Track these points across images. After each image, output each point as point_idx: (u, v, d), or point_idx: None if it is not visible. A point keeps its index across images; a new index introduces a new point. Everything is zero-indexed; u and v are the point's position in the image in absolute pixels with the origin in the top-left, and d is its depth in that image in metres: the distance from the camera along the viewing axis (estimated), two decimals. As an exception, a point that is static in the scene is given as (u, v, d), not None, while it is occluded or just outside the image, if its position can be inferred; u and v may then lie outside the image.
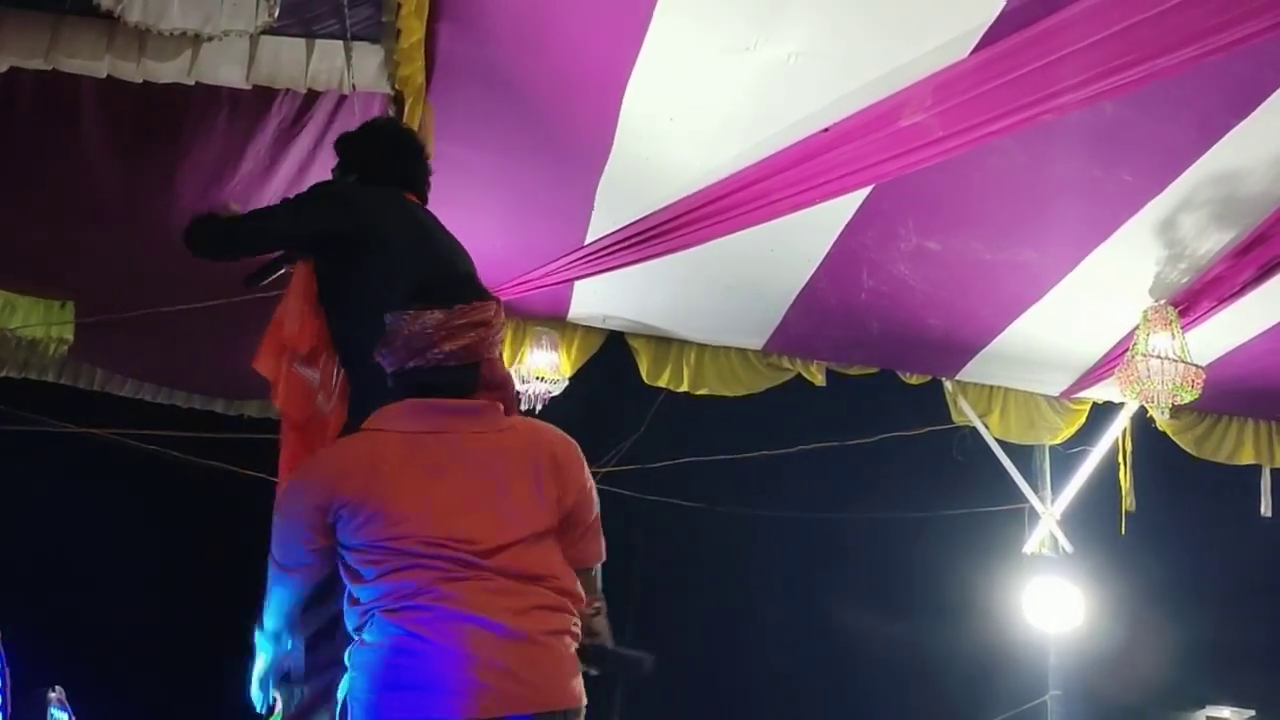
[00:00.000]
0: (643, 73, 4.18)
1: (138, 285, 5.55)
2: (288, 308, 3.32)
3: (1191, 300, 5.38)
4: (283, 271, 3.50)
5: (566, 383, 6.14)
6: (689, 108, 4.42)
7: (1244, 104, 4.20)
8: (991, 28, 3.87)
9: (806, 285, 5.64)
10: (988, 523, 7.22)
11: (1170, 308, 5.41)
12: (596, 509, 2.88)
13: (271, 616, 2.84)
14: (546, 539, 2.71)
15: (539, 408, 6.09)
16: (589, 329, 6.22)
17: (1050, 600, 6.72)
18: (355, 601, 2.65)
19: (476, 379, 2.83)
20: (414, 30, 3.84)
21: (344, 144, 3.63)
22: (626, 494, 7.34)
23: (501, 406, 2.88)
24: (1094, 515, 6.88)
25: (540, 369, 6.06)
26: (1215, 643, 9.08)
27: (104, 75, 4.12)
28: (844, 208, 4.99)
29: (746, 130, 4.51)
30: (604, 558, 2.94)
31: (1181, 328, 5.39)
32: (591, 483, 2.88)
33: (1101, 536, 6.82)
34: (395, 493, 2.64)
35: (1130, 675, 8.67)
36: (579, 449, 2.87)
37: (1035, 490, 6.93)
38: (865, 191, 4.85)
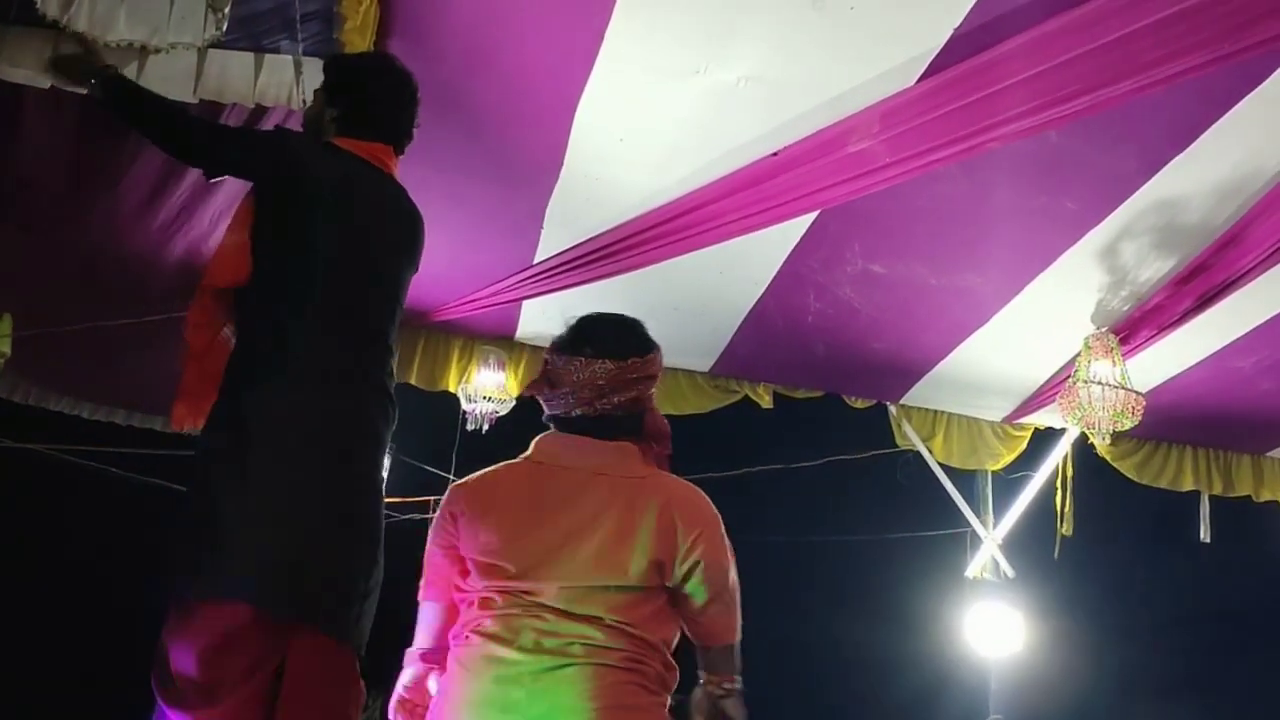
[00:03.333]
0: (594, 93, 4.19)
1: (78, 299, 5.49)
2: (226, 242, 3.16)
3: (1132, 328, 5.45)
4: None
5: (514, 402, 6.12)
6: (639, 129, 4.42)
7: (1184, 135, 4.27)
8: (938, 56, 3.90)
9: (754, 307, 5.67)
10: (931, 546, 7.27)
11: (1111, 335, 5.48)
12: (726, 585, 2.78)
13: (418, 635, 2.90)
14: (631, 594, 2.68)
15: (485, 428, 6.07)
16: (537, 348, 6.21)
17: (991, 625, 6.77)
18: None
19: (639, 428, 2.85)
20: (362, 47, 3.81)
21: (338, 72, 3.38)
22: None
23: (650, 456, 2.86)
24: (1036, 540, 6.95)
25: (487, 388, 6.04)
26: (1153, 667, 9.19)
27: (48, 86, 4.07)
28: (792, 231, 5.02)
29: (696, 152, 4.52)
30: (736, 637, 2.84)
31: (1122, 355, 5.46)
32: (723, 559, 2.79)
33: (1043, 562, 6.89)
34: (494, 519, 2.73)
35: (1069, 701, 8.75)
36: (715, 524, 2.80)
37: (977, 515, 6.99)
38: (813, 215, 4.87)
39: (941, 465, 6.75)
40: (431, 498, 6.89)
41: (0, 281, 5.45)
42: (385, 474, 6.60)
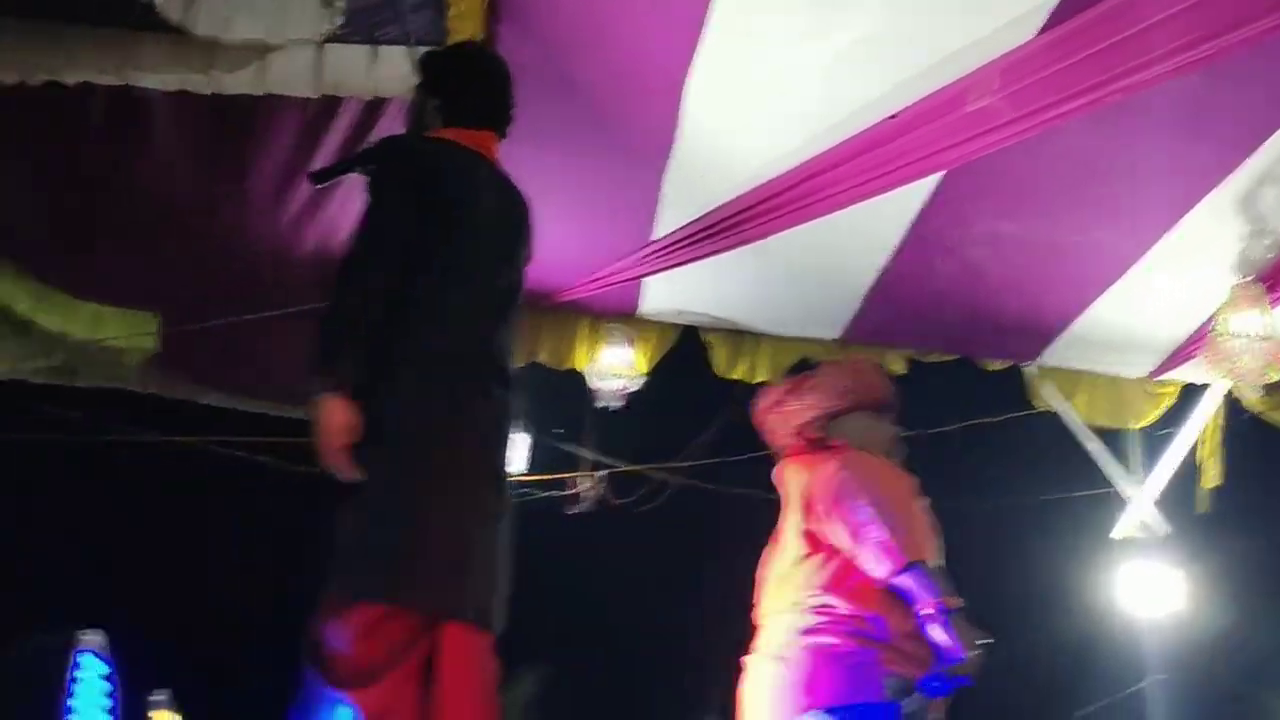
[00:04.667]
0: (704, 64, 4.16)
1: (219, 294, 5.67)
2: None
3: (1278, 276, 5.23)
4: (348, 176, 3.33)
5: (642, 379, 6.13)
6: (752, 97, 4.38)
7: (1325, 71, 4.07)
8: (1059, 6, 3.79)
9: (882, 273, 5.57)
10: (1071, 509, 7.09)
11: (1257, 284, 5.25)
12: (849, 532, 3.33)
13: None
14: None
15: (615, 405, 6.10)
16: (663, 324, 6.20)
17: (1145, 584, 6.57)
18: None
19: None
20: (473, 34, 3.85)
21: (436, 64, 3.40)
22: (707, 487, 7.33)
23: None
24: (1186, 498, 6.73)
25: (615, 366, 6.06)
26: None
27: (175, 88, 4.21)
28: (917, 193, 4.92)
29: (812, 119, 4.46)
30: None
31: (1270, 304, 5.23)
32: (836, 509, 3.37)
33: (1193, 519, 6.66)
34: None
35: (1234, 659, 8.48)
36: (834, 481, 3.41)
37: (1124, 474, 6.78)
38: (937, 176, 4.77)
39: (1083, 425, 6.56)
40: (565, 475, 6.95)
41: (146, 281, 5.67)
42: (527, 454, 6.75)
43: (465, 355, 3.02)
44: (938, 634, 3.08)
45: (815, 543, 3.49)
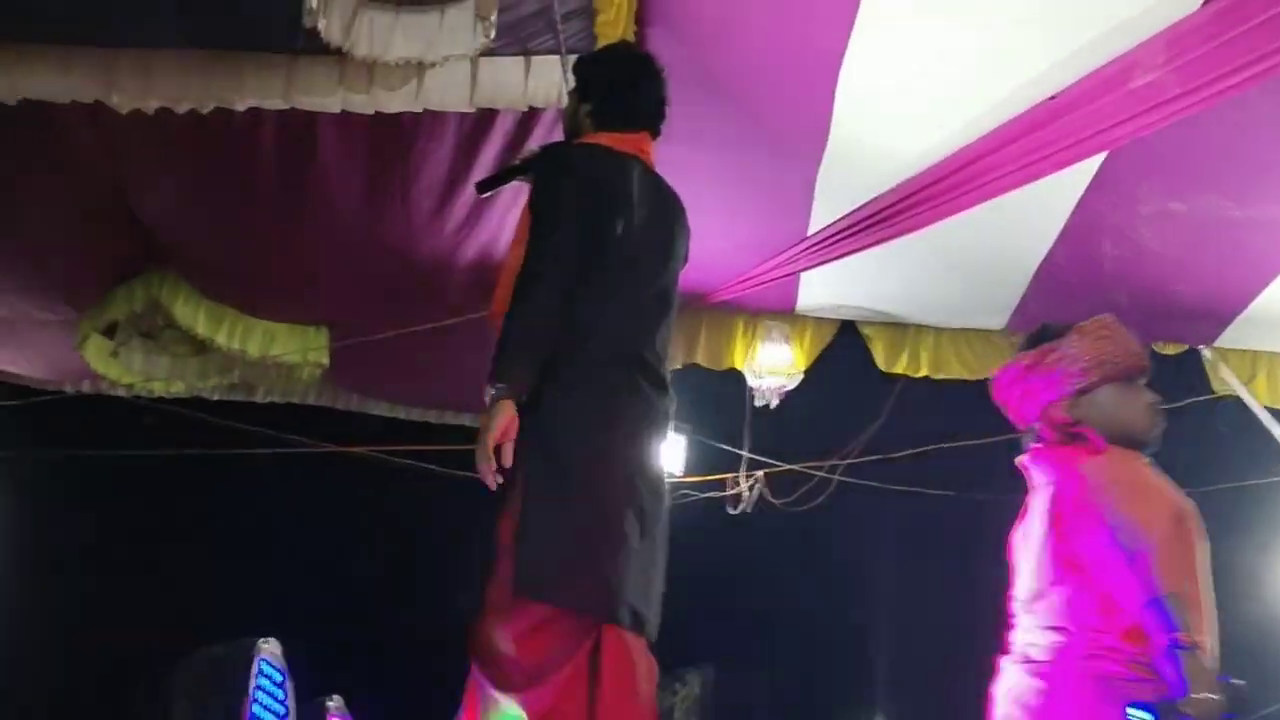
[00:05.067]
0: (856, 55, 4.11)
1: (384, 307, 5.83)
2: (509, 259, 3.14)
3: None
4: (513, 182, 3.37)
5: (801, 376, 6.09)
6: (906, 86, 4.31)
7: None
8: (1225, -28, 3.64)
9: (1046, 259, 5.43)
10: (1254, 496, 6.79)
11: None
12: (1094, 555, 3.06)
13: None
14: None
15: (774, 403, 6.07)
16: (820, 320, 6.15)
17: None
18: None
19: None
20: (617, 38, 3.88)
21: (585, 69, 3.42)
22: (870, 485, 7.24)
23: None
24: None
25: (773, 364, 6.04)
26: None
27: (338, 109, 4.34)
28: (1079, 175, 4.78)
29: (968, 104, 4.37)
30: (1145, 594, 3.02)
31: None
32: (1082, 529, 3.09)
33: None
34: None
35: None
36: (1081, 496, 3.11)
37: (1313, 459, 6.46)
38: (1100, 156, 4.63)
39: (1267, 408, 6.29)
40: (724, 476, 6.94)
41: (315, 297, 5.86)
42: (685, 455, 6.76)
43: (622, 359, 3.04)
44: (1169, 669, 2.92)
45: (1064, 561, 3.30)
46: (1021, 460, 3.47)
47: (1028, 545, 3.34)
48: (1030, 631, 3.25)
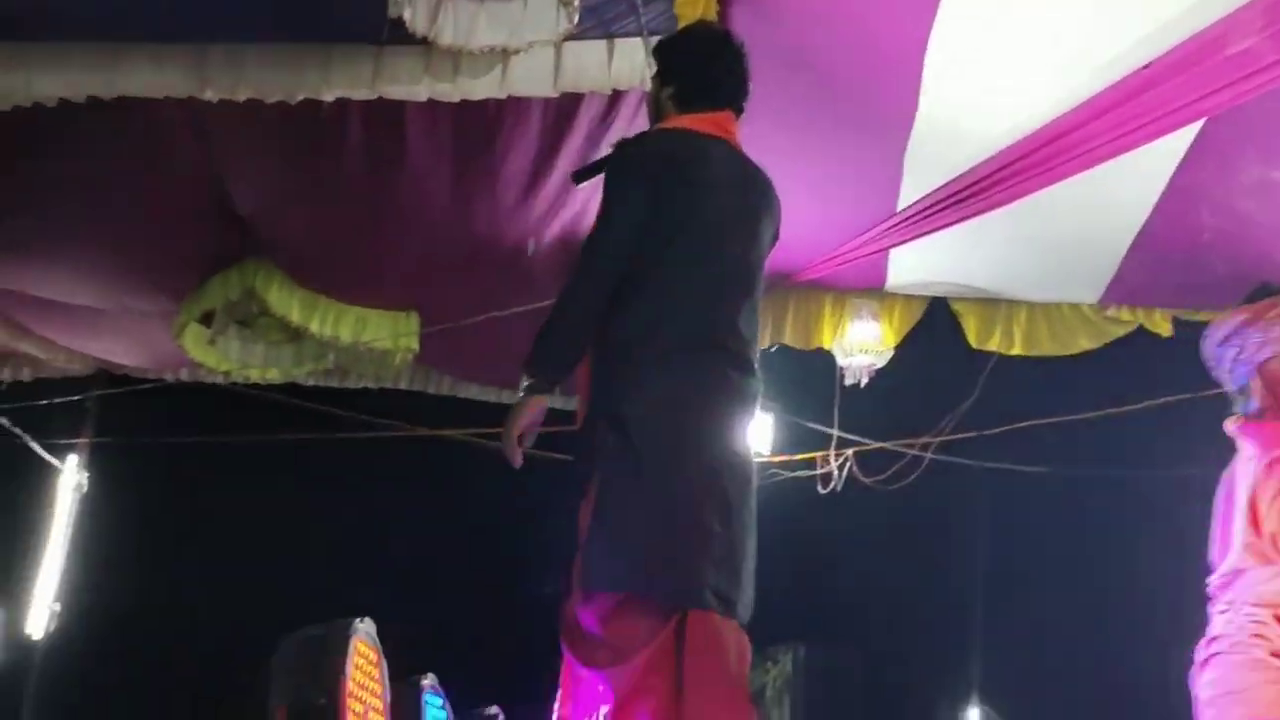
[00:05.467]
0: (944, 27, 4.05)
1: (471, 291, 5.88)
2: None
3: None
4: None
5: (890, 353, 6.03)
6: (997, 57, 4.24)
7: None
8: (1326, -69, 3.52)
9: (1142, 231, 5.32)
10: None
11: None
12: None
13: None
14: None
15: (864, 381, 6.02)
16: (909, 297, 6.09)
17: None
18: None
19: None
20: (697, 18, 3.85)
21: (664, 52, 3.41)
22: (964, 463, 7.16)
23: None
24: None
25: (862, 342, 5.99)
26: None
27: (425, 98, 4.37)
28: (1175, 145, 4.67)
29: (1060, 74, 4.29)
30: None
31: None
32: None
33: None
34: None
35: None
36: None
37: None
38: (1196, 125, 4.52)
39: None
40: (813, 455, 6.91)
41: (405, 283, 5.93)
42: (774, 434, 6.74)
43: (705, 341, 3.02)
44: None
45: (1257, 542, 3.15)
46: (1230, 426, 3.33)
47: (1227, 518, 3.23)
48: (1231, 611, 3.15)
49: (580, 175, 3.34)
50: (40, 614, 8.17)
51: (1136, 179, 4.92)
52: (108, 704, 13.30)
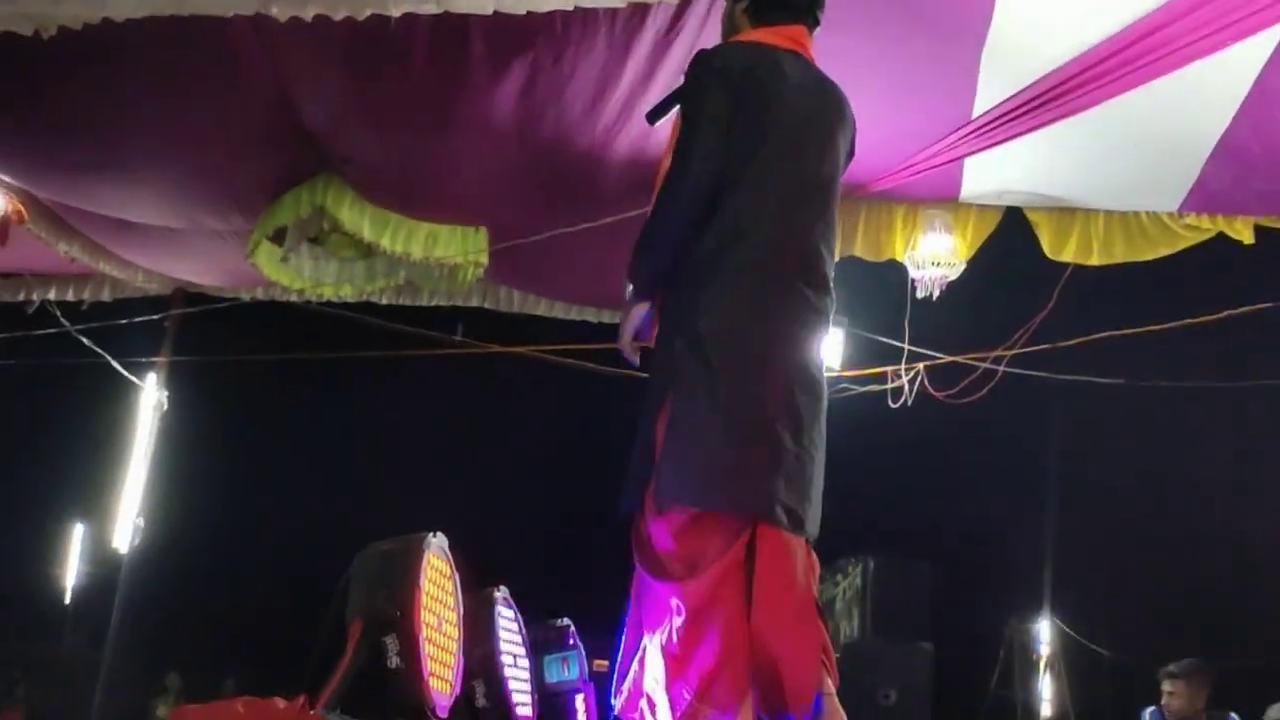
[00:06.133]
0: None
1: (539, 206, 5.87)
2: (664, 165, 3.15)
3: None
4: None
5: (964, 265, 5.95)
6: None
7: None
8: None
9: (1224, 135, 5.17)
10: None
11: None
12: None
13: None
14: None
15: (936, 293, 5.96)
16: (984, 207, 5.99)
17: None
18: None
19: None
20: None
21: None
22: (1038, 375, 7.08)
23: None
24: None
25: (935, 253, 5.91)
26: None
27: (490, 11, 4.33)
28: (1261, 45, 4.52)
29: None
30: None
31: None
32: None
33: None
34: None
35: None
36: None
37: None
38: (1282, 26, 4.37)
39: None
40: (887, 368, 6.86)
41: (474, 198, 5.92)
42: (845, 349, 6.70)
43: (780, 258, 3.02)
44: None
45: None
46: None
47: None
48: None
49: (655, 113, 3.32)
50: (125, 529, 8.37)
51: (1220, 82, 4.78)
52: (191, 615, 13.74)
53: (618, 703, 3.03)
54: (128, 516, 8.37)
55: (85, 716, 8.85)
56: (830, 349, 6.50)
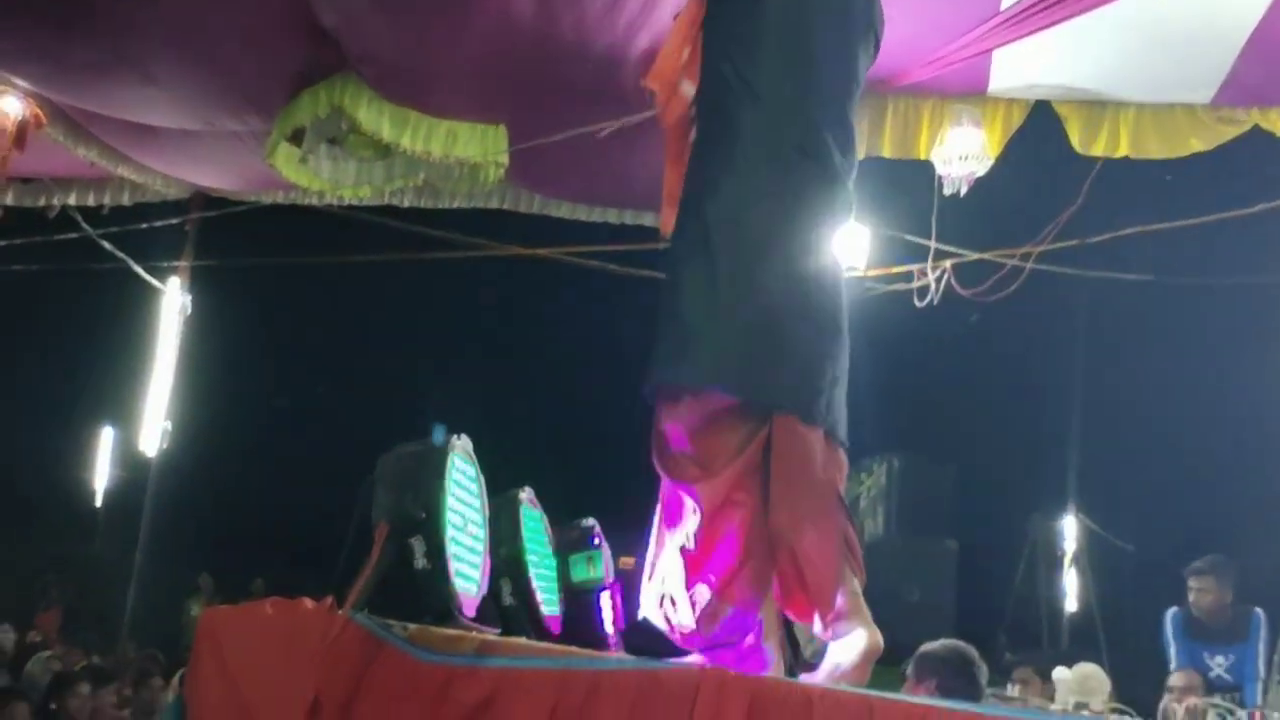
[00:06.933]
0: None
1: (558, 104, 5.78)
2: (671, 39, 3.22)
3: None
4: None
5: (991, 161, 5.85)
6: None
7: None
8: None
9: (1260, 25, 5.04)
10: None
11: None
12: None
13: None
14: None
15: (963, 190, 5.87)
16: (1012, 101, 5.87)
17: None
18: None
19: None
20: None
21: None
22: (1066, 272, 7.01)
23: None
24: None
25: (962, 149, 5.81)
26: None
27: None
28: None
29: None
30: None
31: None
32: None
33: None
34: None
35: None
36: None
37: None
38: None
39: None
40: (913, 267, 6.80)
41: (492, 93, 5.83)
42: (871, 247, 6.64)
43: (799, 148, 2.99)
44: None
45: None
46: None
47: None
48: None
49: None
50: (152, 433, 8.45)
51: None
52: (219, 517, 13.95)
53: (641, 602, 3.05)
54: (155, 420, 8.44)
55: (119, 616, 9.04)
56: (856, 249, 6.43)
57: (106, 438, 12.99)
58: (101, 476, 13.15)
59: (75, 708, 5.82)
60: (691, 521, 2.91)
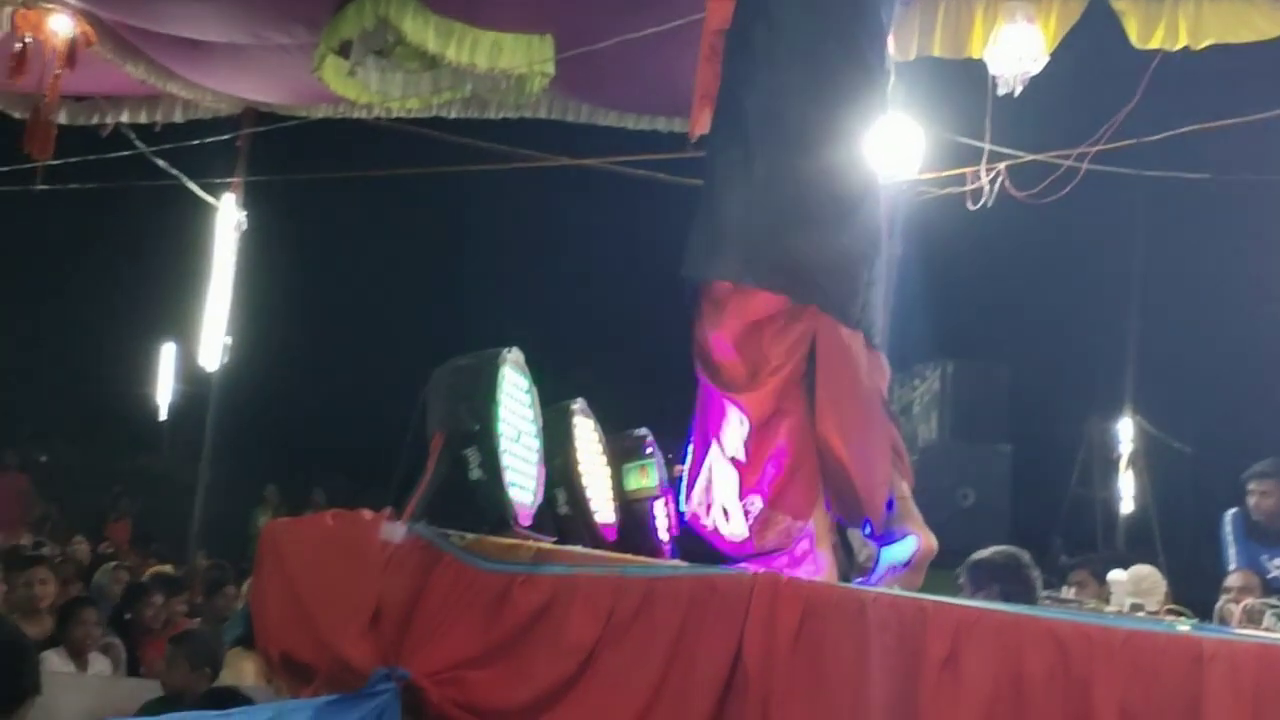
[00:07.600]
0: None
1: (604, 10, 5.72)
2: None
3: None
4: None
5: (1046, 59, 5.72)
6: None
7: None
8: None
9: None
10: None
11: None
12: None
13: None
14: None
15: (1018, 90, 5.75)
16: (1067, -5, 5.72)
17: None
18: None
19: None
20: None
21: None
22: (1123, 172, 6.89)
23: None
24: None
25: (1017, 47, 5.68)
26: None
27: None
28: None
29: None
30: None
31: None
32: None
33: None
34: None
35: None
36: None
37: None
38: None
39: None
40: (965, 170, 6.69)
41: (535, 2, 5.78)
42: (920, 150, 6.54)
43: (837, 38, 3.00)
44: None
45: None
46: None
47: None
48: None
49: None
50: (213, 348, 8.56)
51: None
52: (279, 430, 14.18)
53: (691, 511, 3.07)
54: (215, 336, 8.54)
55: (187, 527, 9.24)
56: (909, 151, 6.32)
57: (168, 353, 13.17)
58: (165, 391, 13.36)
59: (149, 616, 5.99)
60: (740, 431, 2.92)
